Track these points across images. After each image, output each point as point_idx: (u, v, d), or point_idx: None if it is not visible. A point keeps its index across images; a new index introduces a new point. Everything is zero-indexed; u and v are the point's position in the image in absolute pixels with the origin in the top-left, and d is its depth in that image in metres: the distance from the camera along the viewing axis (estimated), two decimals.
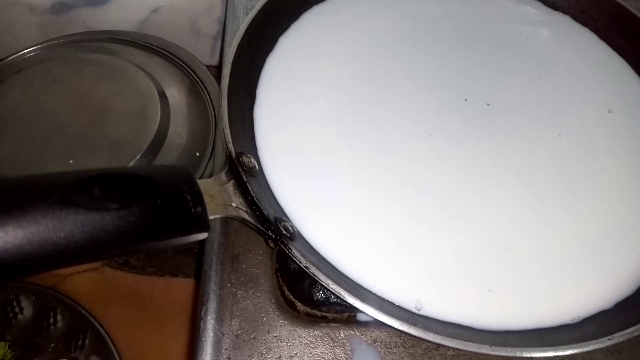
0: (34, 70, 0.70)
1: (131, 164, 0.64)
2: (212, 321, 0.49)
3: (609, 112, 0.57)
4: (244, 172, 0.46)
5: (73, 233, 0.32)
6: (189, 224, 0.38)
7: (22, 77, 0.69)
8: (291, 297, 0.51)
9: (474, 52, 0.60)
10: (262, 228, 0.44)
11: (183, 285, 0.70)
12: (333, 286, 0.42)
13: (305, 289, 0.51)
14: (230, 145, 0.47)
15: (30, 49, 0.75)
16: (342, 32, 0.60)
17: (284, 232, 0.44)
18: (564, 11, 0.65)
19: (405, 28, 0.61)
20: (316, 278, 0.42)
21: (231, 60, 0.53)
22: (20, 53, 0.74)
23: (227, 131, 0.48)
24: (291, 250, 0.43)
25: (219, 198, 0.43)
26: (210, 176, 0.63)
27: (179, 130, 0.69)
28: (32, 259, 0.32)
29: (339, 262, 0.46)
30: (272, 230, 0.44)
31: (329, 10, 0.62)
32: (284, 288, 0.52)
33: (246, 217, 0.43)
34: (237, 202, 0.44)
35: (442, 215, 0.49)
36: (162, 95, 0.70)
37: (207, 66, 0.79)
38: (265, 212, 0.44)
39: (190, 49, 0.79)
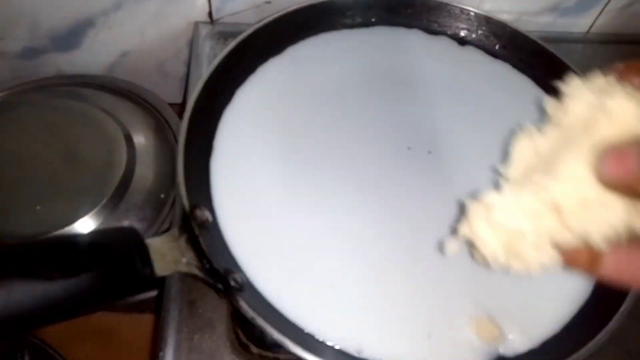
0: (5, 118, 0.73)
1: (97, 208, 0.67)
2: None
3: None
4: (197, 225, 0.49)
5: (22, 302, 0.35)
6: (137, 285, 0.41)
7: None
8: (245, 339, 0.55)
9: (418, 101, 0.64)
10: (211, 282, 0.47)
11: (149, 322, 0.72)
12: (277, 335, 0.45)
13: (257, 332, 0.54)
14: (185, 200, 0.50)
15: (1, 94, 0.77)
16: (295, 84, 0.64)
17: (232, 284, 0.48)
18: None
19: (356, 80, 0.64)
20: (262, 328, 0.45)
21: (189, 116, 0.56)
22: None
23: (182, 186, 0.51)
24: (238, 302, 0.46)
25: (170, 255, 0.46)
26: (171, 223, 0.67)
27: (145, 173, 0.72)
28: None
29: (287, 309, 0.49)
30: (221, 283, 0.47)
31: (284, 63, 0.65)
32: (239, 331, 0.55)
33: (196, 272, 0.46)
34: (188, 258, 0.47)
35: (386, 267, 0.52)
36: (129, 140, 0.73)
37: (176, 104, 0.82)
38: (215, 265, 0.47)
39: (158, 89, 0.82)
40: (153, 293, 0.42)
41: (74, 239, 0.39)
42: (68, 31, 0.77)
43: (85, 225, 0.66)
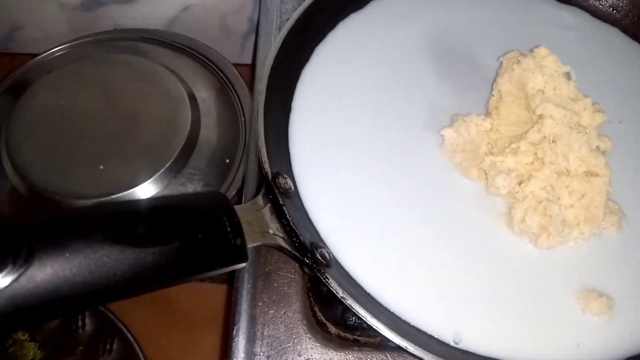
0: (64, 71, 0.69)
1: (162, 170, 0.64)
2: (243, 341, 0.49)
3: None
4: (280, 194, 0.45)
5: (114, 271, 0.32)
6: (229, 257, 0.37)
7: (52, 78, 0.69)
8: (323, 319, 0.51)
9: None
10: (299, 255, 0.43)
11: (210, 291, 0.70)
12: (371, 320, 0.41)
13: (338, 313, 0.50)
14: (267, 166, 0.46)
15: (59, 47, 0.74)
16: (378, 43, 0.58)
17: (320, 259, 0.43)
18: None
19: (437, 39, 0.58)
20: (353, 309, 0.41)
21: (267, 75, 0.51)
22: (50, 51, 0.74)
23: (264, 151, 0.47)
24: (328, 279, 0.42)
25: (257, 225, 0.42)
26: (242, 183, 0.63)
27: (209, 136, 0.69)
28: (74, 296, 0.31)
29: (375, 290, 0.45)
30: (309, 258, 0.43)
31: (367, 19, 0.60)
32: (316, 309, 0.51)
33: (283, 244, 0.42)
34: (274, 228, 0.43)
35: (486, 253, 0.47)
36: (193, 99, 0.69)
37: (237, 64, 0.78)
38: (302, 238, 0.43)
39: (219, 47, 0.77)
40: (242, 265, 0.39)
41: (165, 202, 0.36)
42: None
43: (147, 189, 0.63)
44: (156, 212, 0.34)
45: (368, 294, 0.45)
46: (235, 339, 0.49)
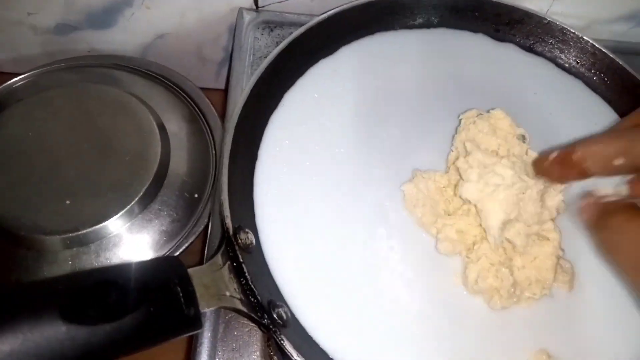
0: (35, 100, 0.68)
1: (130, 205, 0.64)
2: None
3: None
4: (241, 250, 0.46)
5: (63, 348, 0.32)
6: (182, 327, 0.38)
7: (23, 106, 0.68)
8: None
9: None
10: (255, 317, 0.43)
11: None
12: None
13: None
14: (228, 221, 0.47)
15: (31, 73, 0.73)
16: (347, 88, 0.59)
17: (276, 319, 0.44)
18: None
19: (413, 86, 0.59)
20: None
21: (234, 126, 0.52)
22: (21, 77, 0.73)
23: (226, 205, 0.47)
24: (283, 341, 0.43)
25: (213, 288, 0.42)
26: (204, 227, 0.63)
27: (179, 169, 0.68)
28: None
29: (333, 350, 0.46)
30: (265, 319, 0.44)
31: (336, 65, 0.60)
32: (275, 359, 0.52)
33: (240, 307, 0.43)
34: (231, 290, 0.44)
35: (443, 312, 0.48)
36: (163, 131, 0.69)
37: (211, 89, 0.78)
38: (259, 298, 0.44)
39: (194, 73, 0.77)
40: (196, 332, 0.39)
41: (118, 274, 0.36)
42: (104, 9, 0.73)
43: (115, 224, 0.63)
44: (108, 287, 0.35)
45: (325, 353, 0.46)
46: None
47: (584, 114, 0.61)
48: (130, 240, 0.63)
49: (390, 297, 0.48)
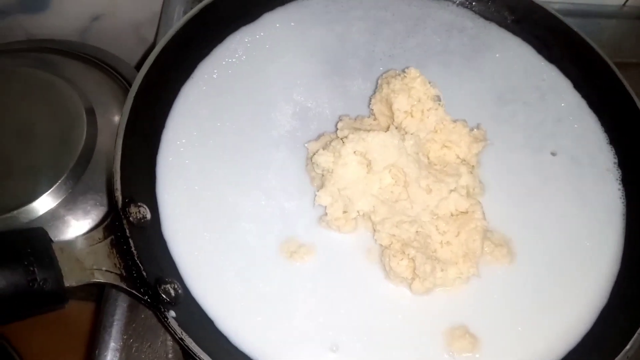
0: None
1: (53, 188, 0.61)
2: None
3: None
4: (129, 225, 0.42)
5: None
6: (36, 301, 0.35)
7: None
8: None
9: None
10: (136, 293, 0.40)
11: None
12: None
13: None
14: (118, 194, 0.43)
15: None
16: (271, 58, 0.55)
17: (163, 296, 0.41)
18: None
19: (332, 53, 0.55)
20: (191, 352, 0.39)
21: (135, 92, 0.48)
22: None
23: (117, 177, 0.44)
24: (167, 319, 0.39)
25: (88, 261, 0.39)
26: None
27: (107, 150, 0.66)
28: None
29: (233, 331, 0.42)
30: (149, 295, 0.40)
31: (259, 32, 0.57)
32: None
33: (118, 282, 0.40)
34: (109, 265, 0.40)
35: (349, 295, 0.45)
36: (91, 114, 0.66)
37: None
38: (144, 274, 0.40)
39: (134, 55, 0.75)
40: (59, 308, 0.36)
41: None
42: None
43: (39, 206, 0.60)
44: None
45: (221, 333, 0.42)
46: None
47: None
48: (57, 222, 0.60)
49: (296, 276, 0.45)
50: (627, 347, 0.41)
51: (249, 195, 0.47)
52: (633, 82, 0.56)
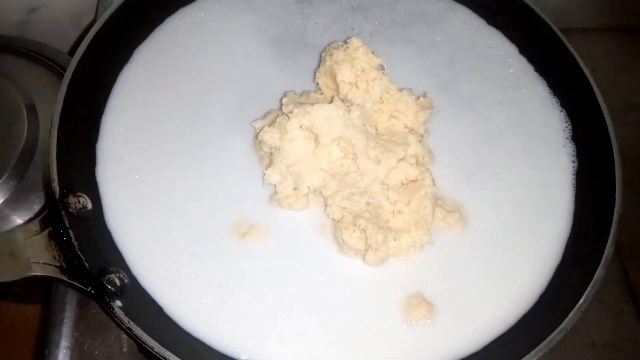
0: None
1: None
2: None
3: None
4: (68, 215, 0.41)
5: None
6: None
7: None
8: None
9: None
10: (78, 285, 0.38)
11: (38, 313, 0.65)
12: (158, 349, 0.37)
13: None
14: (55, 184, 0.42)
15: None
16: (211, 40, 0.54)
17: (108, 287, 0.39)
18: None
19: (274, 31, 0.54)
20: (139, 340, 0.37)
21: (67, 81, 0.46)
22: None
23: (53, 167, 0.42)
24: (112, 309, 0.38)
25: (24, 255, 0.37)
26: None
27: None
28: None
29: (178, 312, 0.41)
30: (92, 286, 0.38)
31: (198, 13, 0.55)
32: None
33: (57, 275, 0.38)
34: (47, 257, 0.38)
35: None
36: (31, 110, 0.63)
37: None
38: (86, 265, 0.39)
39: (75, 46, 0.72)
40: None
41: None
42: None
43: None
44: None
45: (172, 319, 0.41)
46: None
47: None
48: (0, 221, 0.58)
49: (249, 257, 0.44)
50: (581, 301, 0.41)
51: (196, 179, 0.46)
52: (579, 48, 0.56)
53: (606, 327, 0.51)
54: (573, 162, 0.51)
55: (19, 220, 0.58)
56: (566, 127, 0.53)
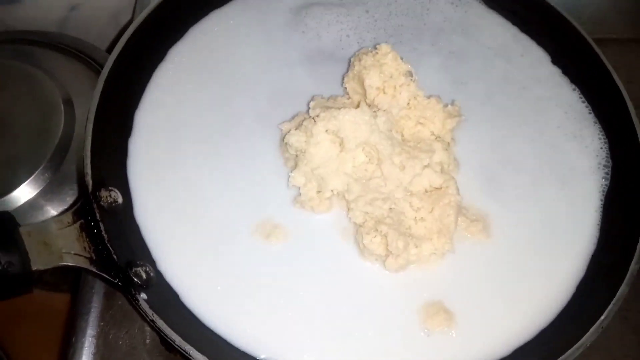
0: None
1: (31, 178, 0.61)
2: None
3: None
4: (100, 209, 0.42)
5: None
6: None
7: None
8: None
9: None
10: (106, 276, 0.40)
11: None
12: (180, 343, 0.38)
13: None
14: (89, 178, 0.43)
15: None
16: (237, 40, 0.55)
17: (134, 279, 0.40)
18: None
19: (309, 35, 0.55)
20: (162, 333, 0.38)
21: (106, 76, 0.48)
22: None
23: (87, 161, 0.44)
24: (138, 301, 0.39)
25: (56, 245, 0.39)
26: None
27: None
28: None
29: (201, 309, 0.42)
30: (119, 279, 0.40)
31: (231, 14, 0.56)
32: None
33: (87, 265, 0.39)
34: (78, 248, 0.40)
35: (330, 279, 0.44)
36: (68, 104, 0.65)
37: None
38: (114, 257, 0.40)
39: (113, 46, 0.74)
40: (25, 293, 0.36)
41: None
42: None
43: (17, 196, 0.60)
44: None
45: (194, 315, 0.42)
46: None
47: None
48: (36, 211, 0.60)
49: (271, 257, 0.44)
50: (602, 317, 0.40)
51: (222, 178, 0.47)
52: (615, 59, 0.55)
53: (628, 344, 0.51)
54: (603, 178, 0.50)
55: (52, 211, 0.61)
56: (598, 141, 0.53)
